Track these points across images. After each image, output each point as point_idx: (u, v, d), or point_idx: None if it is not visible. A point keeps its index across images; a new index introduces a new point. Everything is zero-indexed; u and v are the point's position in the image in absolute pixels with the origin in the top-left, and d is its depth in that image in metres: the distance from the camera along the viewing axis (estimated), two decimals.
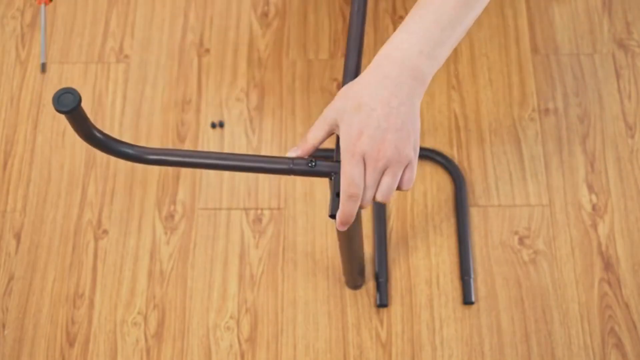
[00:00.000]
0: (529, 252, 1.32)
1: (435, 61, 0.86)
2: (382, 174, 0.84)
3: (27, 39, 1.52)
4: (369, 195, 0.85)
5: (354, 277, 1.25)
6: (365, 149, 0.83)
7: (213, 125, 1.42)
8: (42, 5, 1.48)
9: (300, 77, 1.46)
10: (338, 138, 0.89)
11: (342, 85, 0.97)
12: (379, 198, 0.85)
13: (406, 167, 0.85)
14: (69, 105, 0.80)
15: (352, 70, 0.97)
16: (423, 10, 0.87)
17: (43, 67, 1.46)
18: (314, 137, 0.88)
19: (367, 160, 0.84)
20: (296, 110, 1.44)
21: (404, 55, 0.85)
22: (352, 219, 0.86)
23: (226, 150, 1.41)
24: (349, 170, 0.84)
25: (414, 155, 0.85)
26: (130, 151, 0.89)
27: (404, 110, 0.84)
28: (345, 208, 0.85)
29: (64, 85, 1.47)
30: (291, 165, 0.88)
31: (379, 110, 0.83)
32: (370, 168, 0.84)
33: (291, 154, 0.88)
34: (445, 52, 0.87)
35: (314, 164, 0.88)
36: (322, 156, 0.92)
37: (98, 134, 0.87)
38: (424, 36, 0.86)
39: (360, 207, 0.86)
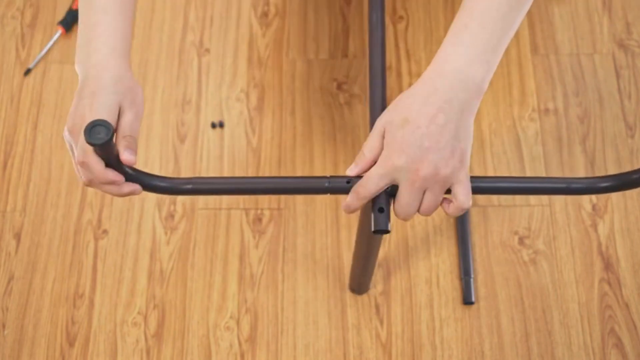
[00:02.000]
0: (529, 252, 1.32)
1: (488, 67, 0.84)
2: (424, 192, 0.83)
3: (27, 39, 1.52)
4: (409, 211, 0.84)
5: (363, 281, 1.25)
6: (401, 166, 0.82)
7: (213, 125, 1.42)
8: (59, 32, 1.49)
9: (300, 77, 1.46)
10: None
11: (370, 88, 0.96)
12: (421, 214, 0.85)
13: (455, 186, 0.83)
14: (102, 138, 0.79)
15: (379, 70, 0.96)
16: (467, 18, 0.84)
17: (27, 72, 1.47)
18: (370, 150, 0.86)
19: (403, 179, 0.83)
20: (296, 110, 1.44)
21: (454, 67, 0.83)
22: (353, 211, 0.87)
23: (226, 150, 1.41)
24: (370, 173, 0.84)
25: (459, 173, 0.82)
26: (163, 184, 0.88)
27: (450, 128, 0.81)
28: (349, 200, 0.86)
29: (63, 86, 1.47)
30: (327, 184, 0.87)
31: (424, 128, 0.81)
32: (406, 185, 0.83)
33: (351, 172, 0.87)
34: (497, 57, 0.85)
35: (350, 182, 0.87)
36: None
37: (129, 170, 0.86)
38: (472, 45, 0.83)
39: (403, 220, 0.85)
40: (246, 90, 1.46)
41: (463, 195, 0.83)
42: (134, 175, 0.86)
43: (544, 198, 1.35)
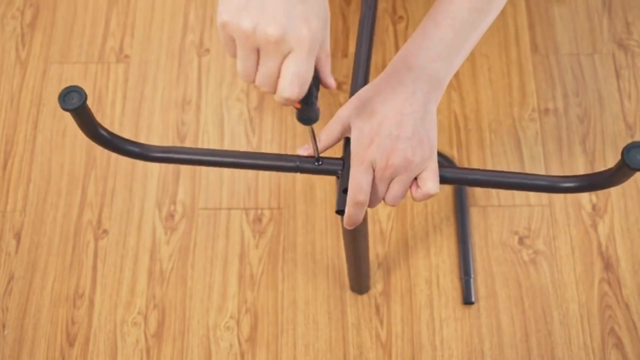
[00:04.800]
0: (529, 252, 1.32)
1: (451, 66, 0.87)
2: (391, 181, 0.85)
3: (27, 39, 1.52)
4: (375, 199, 0.86)
5: (360, 280, 1.25)
6: (374, 157, 0.83)
7: None
8: None
9: None
10: (347, 138, 0.90)
11: (351, 87, 0.97)
12: (388, 203, 0.86)
13: (423, 173, 0.85)
14: (75, 103, 0.80)
15: (363, 70, 0.97)
16: (439, 15, 0.87)
17: None
18: (327, 137, 0.88)
19: (375, 168, 0.84)
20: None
21: (419, 61, 0.86)
22: (359, 222, 0.87)
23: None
24: (357, 177, 0.84)
25: (427, 162, 0.84)
26: (135, 149, 0.89)
27: (416, 118, 0.84)
28: (352, 213, 0.86)
29: (63, 85, 1.47)
30: (298, 163, 0.88)
31: (391, 118, 0.83)
32: (378, 175, 0.84)
33: (302, 152, 0.89)
34: (460, 58, 0.88)
35: (320, 162, 0.88)
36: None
37: (104, 132, 0.87)
38: (439, 42, 0.86)
39: (368, 207, 0.86)
40: (246, 90, 1.46)
41: (431, 182, 0.85)
42: (109, 139, 0.87)
43: (544, 198, 1.35)
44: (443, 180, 0.88)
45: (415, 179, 0.86)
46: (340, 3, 1.53)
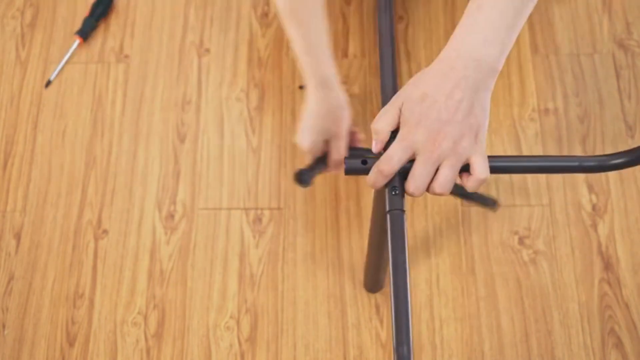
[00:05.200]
0: (529, 252, 1.32)
1: (502, 47, 0.87)
2: (439, 166, 0.84)
3: (27, 39, 1.52)
4: (422, 184, 0.85)
5: (378, 279, 1.25)
6: (420, 139, 0.84)
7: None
8: (76, 42, 1.49)
9: (300, 77, 1.46)
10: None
11: (382, 87, 0.98)
12: (437, 189, 0.85)
13: (472, 158, 0.85)
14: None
15: (389, 68, 0.98)
16: (480, 0, 0.87)
17: (47, 83, 1.47)
18: (388, 124, 0.87)
19: (421, 151, 0.84)
20: (296, 110, 1.44)
21: (467, 47, 0.86)
22: (378, 187, 0.88)
23: (226, 150, 1.41)
24: (392, 150, 0.85)
25: (475, 147, 0.84)
26: None
27: (466, 103, 0.84)
28: (372, 177, 0.87)
29: (63, 86, 1.47)
30: (345, 166, 0.90)
31: (442, 102, 0.84)
32: (424, 158, 0.84)
33: (375, 149, 0.88)
34: (511, 37, 0.87)
35: (366, 162, 0.89)
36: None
37: None
38: (486, 25, 0.86)
39: (412, 196, 0.86)
40: (246, 90, 1.46)
41: (481, 166, 0.85)
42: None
43: (545, 198, 1.35)
44: (493, 170, 0.87)
45: (464, 170, 0.86)
46: (340, 3, 1.53)
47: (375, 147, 0.88)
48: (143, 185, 1.38)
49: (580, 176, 1.37)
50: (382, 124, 0.87)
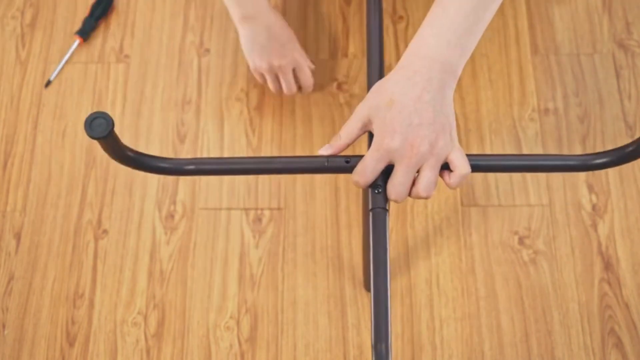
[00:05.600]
0: (529, 252, 1.32)
1: (464, 51, 0.87)
2: (419, 170, 0.85)
3: (27, 39, 1.52)
4: (404, 190, 0.85)
5: None
6: (395, 146, 0.84)
7: None
8: (76, 42, 1.49)
9: None
10: (371, 135, 0.90)
11: (369, 84, 0.98)
12: (422, 193, 0.85)
13: (451, 155, 0.85)
14: (102, 132, 0.80)
15: (377, 67, 0.98)
16: (445, 2, 0.88)
17: (47, 83, 1.47)
18: (347, 135, 0.88)
19: (399, 158, 0.84)
20: (296, 110, 1.44)
21: (432, 50, 0.86)
22: (360, 187, 0.88)
23: (226, 149, 1.41)
24: (366, 160, 0.85)
25: (451, 145, 0.85)
26: (166, 165, 0.88)
27: (435, 104, 0.85)
28: (353, 180, 0.87)
29: (63, 86, 1.47)
30: (326, 164, 0.88)
31: (411, 106, 0.84)
32: (403, 165, 0.84)
33: (323, 151, 0.89)
34: (473, 41, 0.88)
35: (349, 160, 0.88)
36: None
37: (131, 154, 0.86)
38: (449, 28, 0.87)
39: (395, 202, 0.87)
40: (246, 90, 1.46)
41: (461, 161, 0.85)
42: (137, 159, 0.87)
43: (545, 198, 1.35)
44: (476, 169, 0.88)
45: (445, 168, 0.86)
46: (340, 3, 1.53)
47: (324, 149, 0.88)
48: (143, 185, 1.38)
49: (581, 176, 1.37)
50: (342, 132, 0.88)
